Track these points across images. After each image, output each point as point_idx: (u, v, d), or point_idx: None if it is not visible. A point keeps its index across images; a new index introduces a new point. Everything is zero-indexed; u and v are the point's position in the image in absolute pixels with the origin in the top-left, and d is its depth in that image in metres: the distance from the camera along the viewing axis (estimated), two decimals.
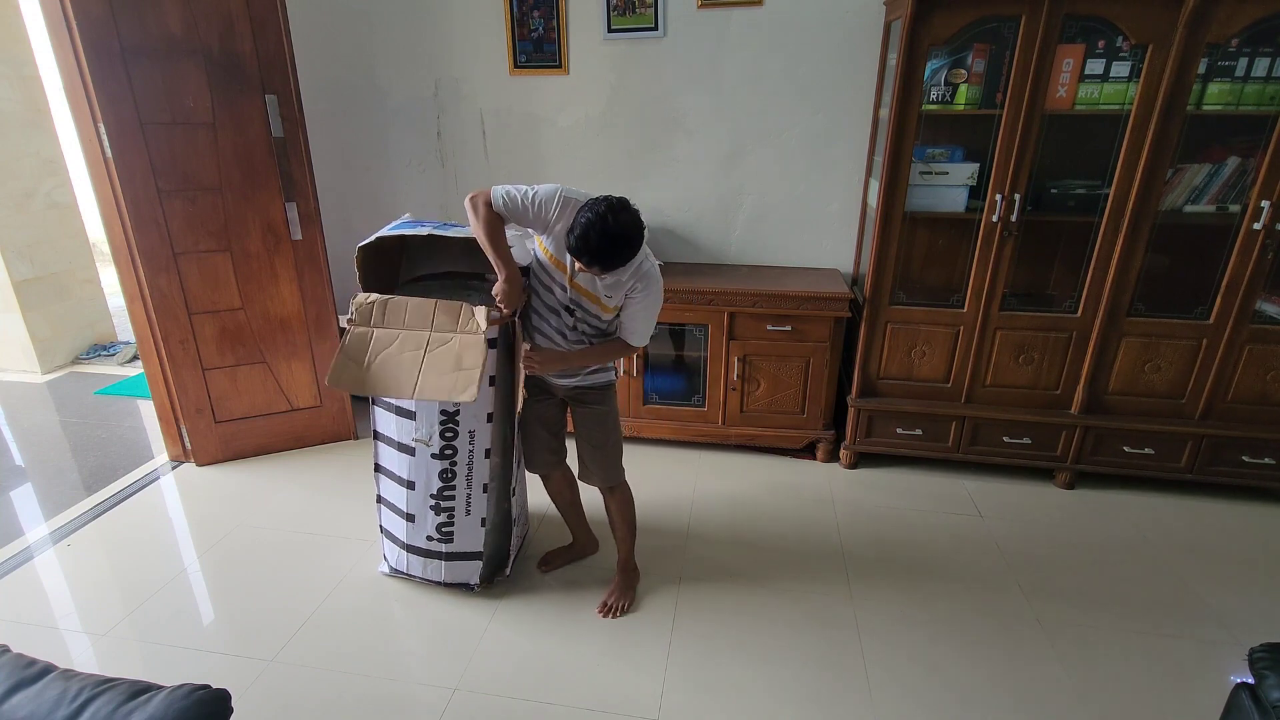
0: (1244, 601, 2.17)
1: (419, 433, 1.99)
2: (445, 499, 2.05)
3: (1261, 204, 2.32)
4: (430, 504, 2.06)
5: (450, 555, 2.13)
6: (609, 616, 2.10)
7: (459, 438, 1.98)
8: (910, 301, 2.70)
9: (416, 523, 2.10)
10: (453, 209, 3.37)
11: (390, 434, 2.05)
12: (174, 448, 3.00)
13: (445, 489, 2.04)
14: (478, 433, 1.99)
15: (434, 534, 2.10)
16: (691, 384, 3.02)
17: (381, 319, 1.87)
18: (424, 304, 1.85)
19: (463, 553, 2.12)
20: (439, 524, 2.08)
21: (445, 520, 2.08)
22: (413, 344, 1.83)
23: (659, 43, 2.95)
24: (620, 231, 1.61)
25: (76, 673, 1.13)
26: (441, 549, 2.12)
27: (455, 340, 1.81)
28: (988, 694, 1.83)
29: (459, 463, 2.02)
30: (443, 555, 2.13)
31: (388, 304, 1.87)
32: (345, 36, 3.16)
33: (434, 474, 2.03)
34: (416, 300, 1.86)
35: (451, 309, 1.82)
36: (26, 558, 2.40)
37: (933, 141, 2.59)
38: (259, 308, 2.87)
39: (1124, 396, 2.65)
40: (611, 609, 2.11)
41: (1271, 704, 1.27)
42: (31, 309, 3.91)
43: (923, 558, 2.37)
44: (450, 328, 1.82)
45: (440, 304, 1.83)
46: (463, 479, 2.03)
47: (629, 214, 1.64)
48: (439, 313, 1.83)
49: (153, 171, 2.57)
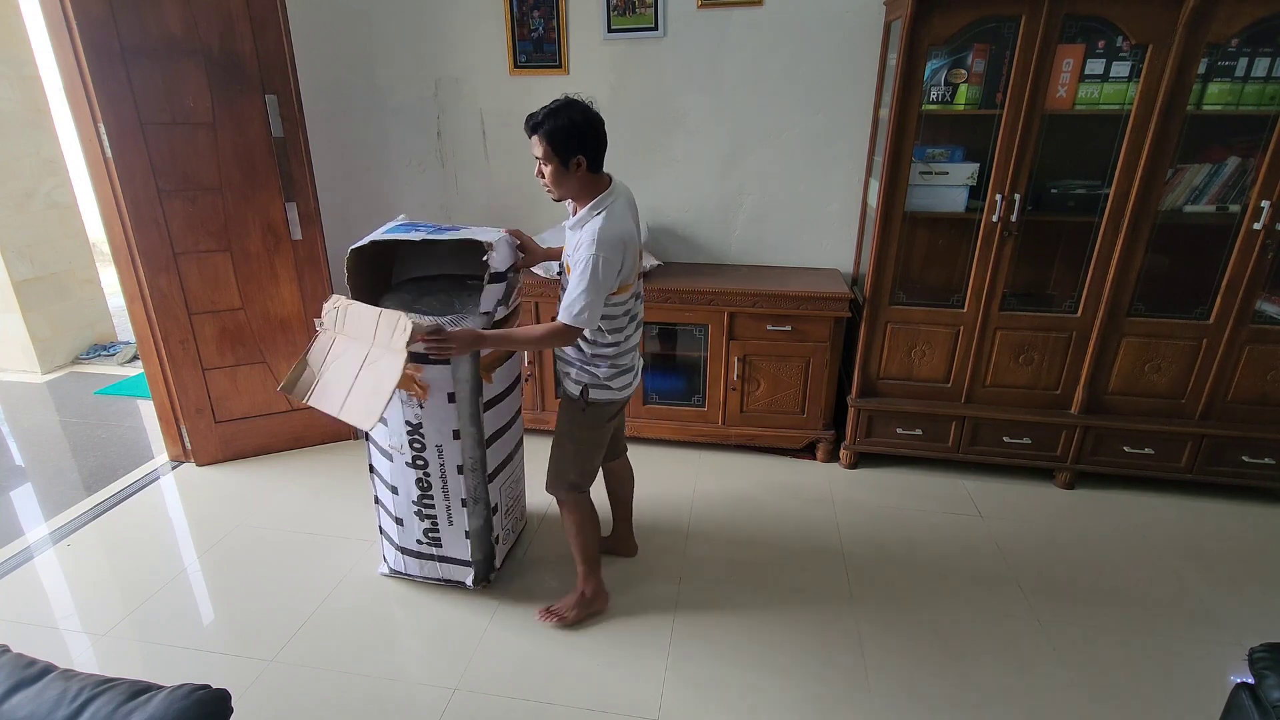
0: (1244, 601, 2.17)
1: (391, 440, 1.97)
2: (426, 506, 2.03)
3: (1261, 204, 2.32)
4: (414, 510, 2.05)
5: (442, 558, 2.13)
6: (543, 619, 2.05)
7: (427, 450, 1.94)
8: (910, 301, 2.70)
9: (405, 526, 2.10)
10: (453, 209, 3.37)
11: (376, 437, 2.04)
12: (174, 448, 3.00)
13: (424, 497, 2.02)
14: (445, 449, 1.93)
15: (422, 538, 2.09)
16: (691, 384, 3.02)
17: (343, 325, 1.80)
18: (369, 313, 1.74)
19: (453, 558, 2.12)
20: (425, 529, 2.07)
21: (430, 526, 2.06)
22: (356, 357, 1.74)
23: (659, 43, 2.95)
24: (559, 103, 1.63)
25: (76, 673, 1.13)
26: (433, 551, 2.12)
27: (383, 358, 1.70)
28: (988, 694, 1.83)
29: (432, 475, 1.97)
30: (435, 557, 2.13)
31: (349, 309, 1.78)
32: (345, 36, 3.16)
33: (411, 482, 2.00)
34: (366, 308, 1.76)
35: (390, 319, 1.70)
36: (26, 558, 2.40)
37: (933, 141, 2.59)
38: (259, 308, 2.87)
39: (1124, 396, 2.64)
40: (552, 613, 2.05)
41: (1271, 704, 1.27)
42: (31, 309, 3.91)
43: (923, 558, 2.37)
44: (385, 341, 1.71)
45: (383, 314, 1.72)
46: (439, 491, 1.99)
47: (587, 106, 1.66)
48: (381, 323, 1.72)
49: (153, 171, 2.57)
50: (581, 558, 2.04)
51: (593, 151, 1.67)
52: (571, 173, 1.66)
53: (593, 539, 2.04)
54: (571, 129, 1.62)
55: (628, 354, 1.90)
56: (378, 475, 2.12)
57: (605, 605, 2.11)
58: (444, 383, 1.85)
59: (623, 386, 1.91)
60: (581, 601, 2.06)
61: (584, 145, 1.64)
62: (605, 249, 1.64)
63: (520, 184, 3.29)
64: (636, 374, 1.97)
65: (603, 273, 1.64)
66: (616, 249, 1.66)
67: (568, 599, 2.08)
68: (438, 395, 1.86)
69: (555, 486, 2.00)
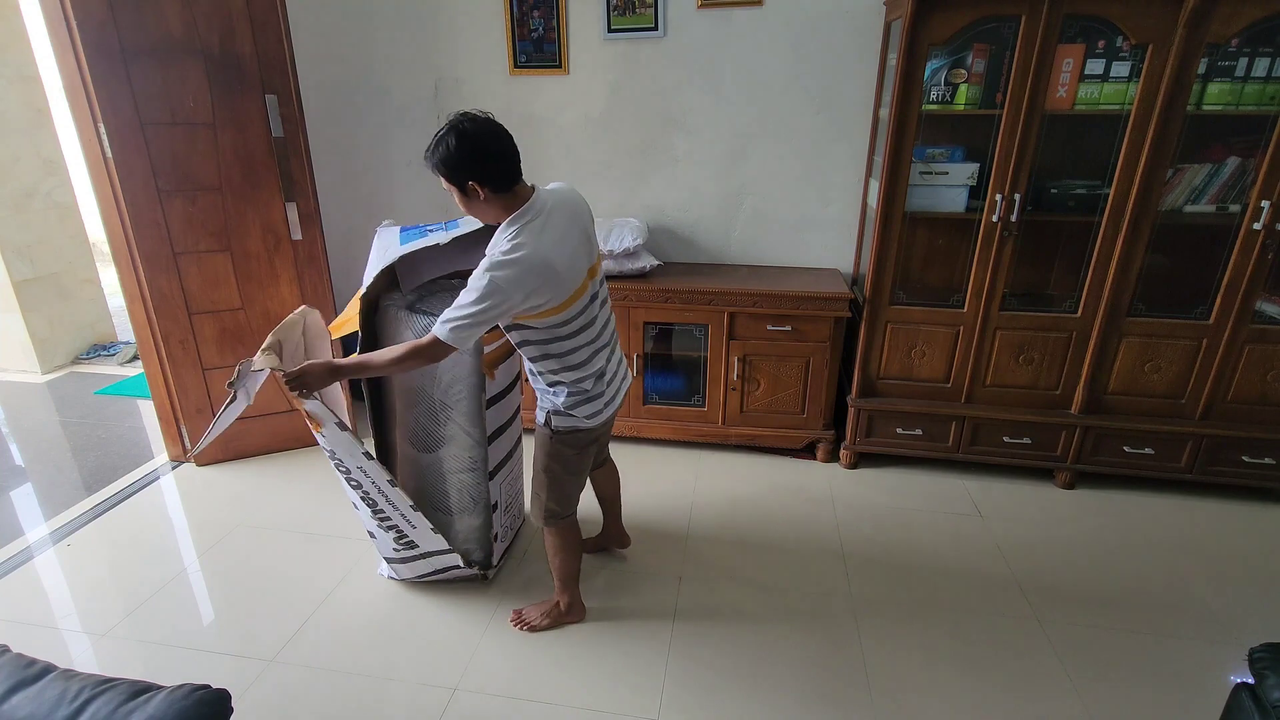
0: (1244, 601, 2.17)
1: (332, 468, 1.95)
2: (383, 518, 1.98)
3: (1261, 204, 2.32)
4: (376, 523, 2.01)
5: (426, 554, 2.09)
6: (514, 623, 2.04)
7: (353, 474, 1.89)
8: (910, 301, 2.70)
9: (378, 538, 2.08)
10: (453, 209, 3.35)
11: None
12: (174, 448, 3.00)
13: (376, 513, 1.97)
14: (368, 469, 1.85)
15: (396, 545, 2.06)
16: (691, 384, 3.02)
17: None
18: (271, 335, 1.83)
19: (434, 551, 2.07)
20: (394, 538, 2.04)
21: (397, 535, 2.02)
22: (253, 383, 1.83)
23: (659, 43, 2.95)
24: (440, 132, 1.51)
25: (76, 673, 1.13)
26: (413, 553, 2.08)
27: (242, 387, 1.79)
28: (988, 694, 1.83)
29: (370, 492, 1.91)
30: (418, 556, 2.10)
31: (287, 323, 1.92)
32: (345, 36, 3.16)
33: (359, 499, 1.96)
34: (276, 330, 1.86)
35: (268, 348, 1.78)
36: (26, 558, 2.40)
37: (933, 141, 2.59)
38: (259, 308, 2.87)
39: (1124, 396, 2.64)
40: (521, 620, 2.04)
41: (1271, 704, 1.27)
42: (31, 309, 3.91)
43: (923, 558, 2.37)
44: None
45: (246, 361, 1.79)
46: (385, 504, 1.93)
47: (472, 123, 1.50)
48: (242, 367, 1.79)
49: (153, 171, 2.57)
50: (557, 576, 2.01)
51: (485, 173, 1.51)
52: (473, 199, 1.54)
53: (571, 561, 1.99)
54: (449, 158, 1.50)
55: (590, 379, 1.73)
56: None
57: (580, 617, 2.07)
58: (327, 414, 1.74)
59: (589, 415, 1.75)
60: (554, 611, 2.04)
61: (473, 169, 1.50)
62: (499, 269, 1.49)
63: None
64: (608, 402, 1.79)
65: (493, 296, 1.48)
66: (521, 271, 1.49)
67: (540, 606, 2.07)
68: (328, 425, 1.77)
69: (535, 514, 1.95)
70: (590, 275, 1.66)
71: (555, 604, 2.05)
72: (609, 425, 1.91)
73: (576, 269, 1.60)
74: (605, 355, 1.77)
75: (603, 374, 1.77)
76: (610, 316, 1.82)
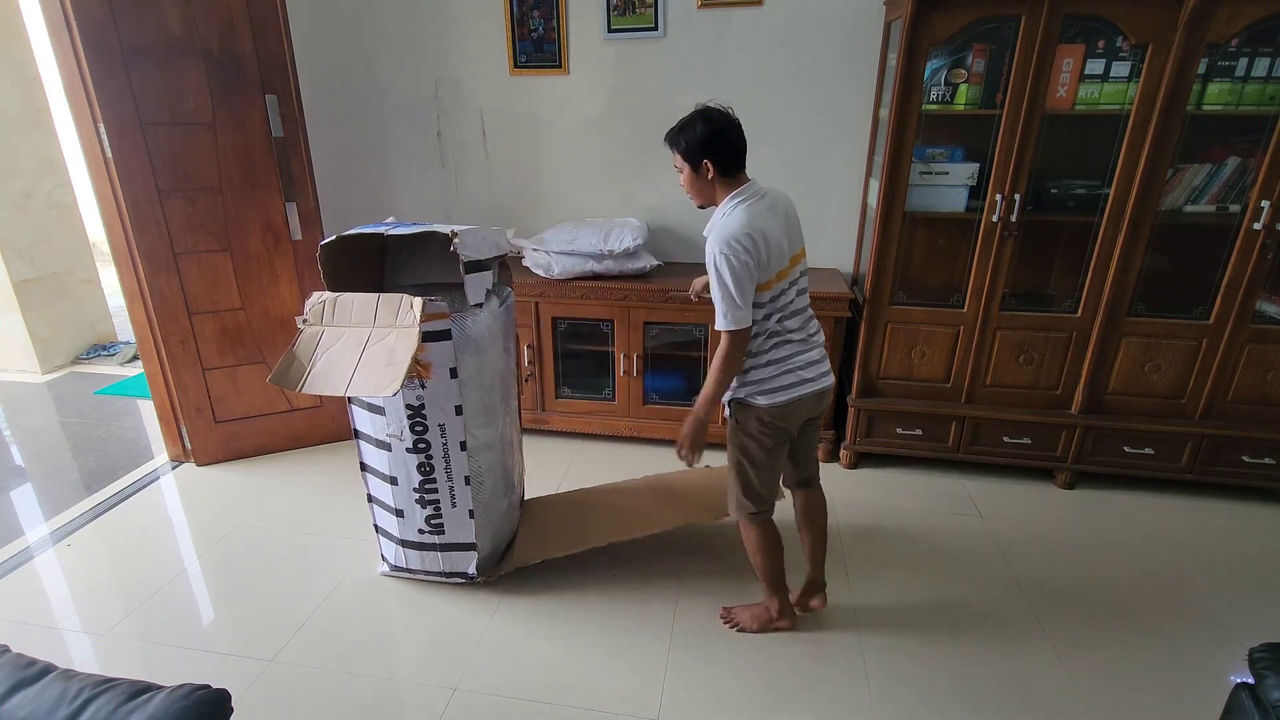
0: (1244, 601, 2.17)
1: (390, 429, 1.99)
2: (429, 492, 2.05)
3: (1261, 204, 2.32)
4: (415, 498, 2.06)
5: (444, 546, 2.13)
6: (724, 623, 2.05)
7: (429, 432, 1.96)
8: (910, 301, 2.70)
9: (406, 517, 2.11)
10: (453, 209, 3.37)
11: (368, 431, 2.06)
12: (174, 448, 3.00)
13: (426, 482, 2.03)
14: (448, 426, 1.96)
15: (425, 526, 2.10)
16: (692, 384, 3.02)
17: (331, 317, 1.85)
18: (368, 299, 1.83)
19: (456, 544, 2.12)
20: (427, 516, 2.08)
21: (433, 512, 2.08)
22: (355, 340, 1.81)
23: (659, 43, 2.95)
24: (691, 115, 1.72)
25: (76, 673, 1.13)
26: (435, 540, 2.12)
27: (391, 334, 1.79)
28: (988, 694, 1.83)
29: (435, 456, 2.00)
30: (437, 546, 2.13)
31: (336, 301, 1.86)
32: (345, 36, 3.16)
33: (412, 468, 2.02)
34: (363, 296, 1.84)
35: (392, 302, 1.80)
36: (26, 558, 2.40)
37: (933, 141, 2.59)
38: (259, 308, 2.87)
39: (1124, 396, 2.64)
40: (729, 618, 2.06)
41: (1271, 704, 1.27)
42: (31, 309, 3.91)
43: (923, 558, 2.37)
44: (390, 322, 1.81)
45: (383, 298, 1.81)
46: (441, 472, 2.02)
47: (718, 113, 1.72)
48: (381, 307, 1.81)
49: (153, 171, 2.57)
50: (762, 577, 1.98)
51: (720, 156, 1.71)
52: (702, 176, 1.74)
53: (770, 562, 1.94)
54: (694, 139, 1.71)
55: (791, 344, 1.78)
56: (371, 471, 2.13)
57: (789, 625, 2.02)
58: (445, 358, 1.88)
59: (779, 389, 1.76)
60: (764, 616, 2.02)
61: (710, 151, 1.70)
62: (722, 245, 1.64)
63: (520, 184, 3.29)
64: (800, 377, 1.78)
65: (730, 269, 1.63)
66: (743, 240, 1.63)
67: (750, 608, 2.05)
68: (440, 371, 1.89)
69: (733, 502, 1.93)
70: (793, 262, 1.79)
71: (764, 607, 2.03)
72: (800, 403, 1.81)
73: (781, 249, 1.73)
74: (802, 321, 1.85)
75: (804, 343, 1.84)
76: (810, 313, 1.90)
